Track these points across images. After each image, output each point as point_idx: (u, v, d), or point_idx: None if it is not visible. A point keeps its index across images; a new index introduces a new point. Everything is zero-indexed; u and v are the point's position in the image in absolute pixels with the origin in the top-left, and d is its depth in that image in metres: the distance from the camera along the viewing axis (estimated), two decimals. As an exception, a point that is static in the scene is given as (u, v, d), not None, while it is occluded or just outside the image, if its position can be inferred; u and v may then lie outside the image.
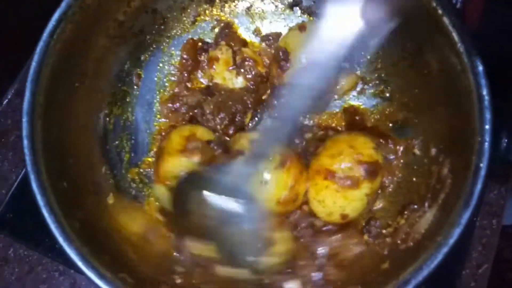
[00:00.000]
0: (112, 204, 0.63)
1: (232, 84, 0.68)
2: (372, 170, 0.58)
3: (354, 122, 0.68)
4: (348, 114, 0.69)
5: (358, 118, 0.68)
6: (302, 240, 0.61)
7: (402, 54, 0.64)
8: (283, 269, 0.58)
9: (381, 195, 0.64)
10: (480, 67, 0.50)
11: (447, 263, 0.50)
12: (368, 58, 0.68)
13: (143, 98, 0.70)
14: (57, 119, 0.57)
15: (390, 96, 0.68)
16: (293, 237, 0.61)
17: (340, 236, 0.61)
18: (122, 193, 0.66)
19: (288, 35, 0.68)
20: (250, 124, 0.68)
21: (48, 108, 0.55)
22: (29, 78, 0.54)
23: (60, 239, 0.52)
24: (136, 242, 0.62)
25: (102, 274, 0.52)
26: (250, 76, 0.67)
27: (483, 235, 0.67)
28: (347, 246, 0.61)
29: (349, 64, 0.48)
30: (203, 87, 0.70)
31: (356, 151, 0.59)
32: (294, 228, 0.62)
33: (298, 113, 0.53)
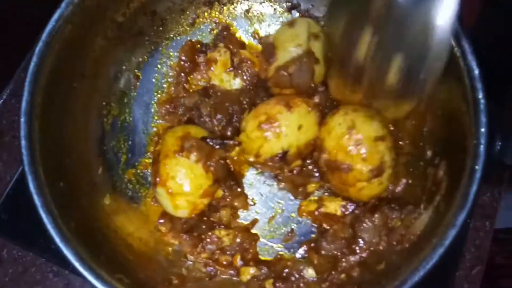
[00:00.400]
0: (109, 205, 0.63)
1: (229, 85, 0.68)
2: None
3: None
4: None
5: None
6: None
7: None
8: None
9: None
10: (476, 71, 0.51)
11: (441, 264, 0.50)
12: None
13: (141, 99, 0.70)
14: (54, 119, 0.57)
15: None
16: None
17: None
18: (118, 193, 0.66)
19: (278, 30, 0.68)
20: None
21: (46, 109, 0.55)
22: (27, 78, 0.54)
23: (57, 239, 0.52)
24: (132, 242, 0.62)
25: (98, 274, 0.52)
26: (247, 77, 0.68)
27: (476, 237, 0.68)
28: None
29: None
30: (200, 88, 0.70)
31: None
32: None
33: None
